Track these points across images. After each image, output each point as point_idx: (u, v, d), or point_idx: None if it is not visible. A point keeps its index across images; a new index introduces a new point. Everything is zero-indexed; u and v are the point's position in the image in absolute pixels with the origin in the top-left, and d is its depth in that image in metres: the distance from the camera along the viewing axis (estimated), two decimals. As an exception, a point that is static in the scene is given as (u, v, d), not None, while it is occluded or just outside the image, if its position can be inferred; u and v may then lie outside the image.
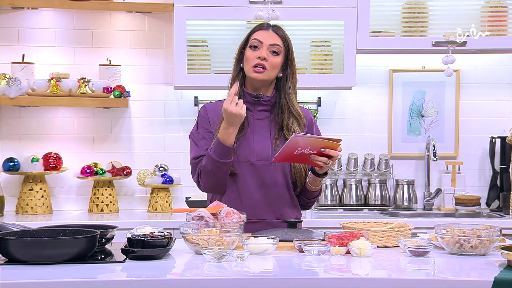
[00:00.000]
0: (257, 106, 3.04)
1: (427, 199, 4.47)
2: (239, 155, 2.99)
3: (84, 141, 4.40)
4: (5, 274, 2.31)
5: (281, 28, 3.07)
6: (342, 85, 4.28)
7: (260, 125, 3.03)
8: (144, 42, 4.42)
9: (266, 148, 3.01)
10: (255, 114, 3.04)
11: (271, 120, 3.04)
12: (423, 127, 4.57)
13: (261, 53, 2.97)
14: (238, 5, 4.15)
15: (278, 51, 3.00)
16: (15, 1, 4.14)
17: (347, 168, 4.50)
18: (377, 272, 2.43)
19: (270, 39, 3.00)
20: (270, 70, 2.98)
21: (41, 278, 2.23)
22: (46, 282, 2.20)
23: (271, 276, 2.33)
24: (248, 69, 3.00)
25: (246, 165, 3.00)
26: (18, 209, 4.19)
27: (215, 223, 2.69)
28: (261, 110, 3.04)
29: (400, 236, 2.76)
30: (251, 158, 3.00)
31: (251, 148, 3.01)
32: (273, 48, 2.99)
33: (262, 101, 3.03)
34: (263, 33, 3.02)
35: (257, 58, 2.97)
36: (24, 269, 2.32)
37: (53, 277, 2.24)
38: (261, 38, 3.00)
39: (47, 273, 2.27)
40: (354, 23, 4.19)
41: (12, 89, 4.08)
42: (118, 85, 4.23)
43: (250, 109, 3.02)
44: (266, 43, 2.99)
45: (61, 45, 4.37)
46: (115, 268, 2.41)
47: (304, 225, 3.02)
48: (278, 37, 3.02)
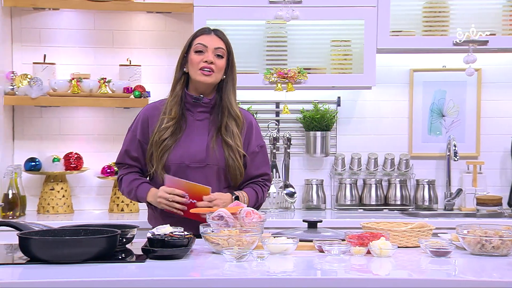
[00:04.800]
0: (197, 107, 3.12)
1: (448, 199, 4.45)
2: (173, 156, 3.06)
3: (105, 141, 4.42)
4: (27, 273, 2.33)
5: (223, 32, 3.18)
6: (362, 85, 4.27)
7: (199, 126, 3.09)
8: (164, 42, 4.43)
9: (201, 151, 3.07)
10: (194, 115, 3.12)
11: (211, 121, 3.11)
12: (443, 126, 4.54)
13: (208, 57, 3.07)
14: (258, 5, 4.15)
15: (222, 54, 3.11)
16: (36, 2, 4.17)
17: (367, 168, 4.48)
18: (398, 272, 2.42)
19: (214, 43, 3.10)
20: (217, 72, 3.09)
21: (62, 277, 2.24)
22: (67, 282, 2.21)
23: (291, 276, 2.33)
24: (194, 72, 3.09)
25: (179, 167, 3.05)
26: (39, 208, 4.22)
27: (235, 223, 2.69)
28: (201, 111, 3.12)
29: (421, 236, 2.75)
30: (186, 160, 3.06)
31: (186, 150, 3.06)
32: (217, 51, 3.10)
33: (202, 103, 3.10)
34: (206, 37, 3.12)
35: (204, 62, 3.06)
36: (45, 268, 2.34)
37: (74, 276, 2.26)
38: (206, 43, 3.10)
39: (68, 272, 2.29)
40: (374, 22, 4.18)
41: (33, 89, 4.11)
42: (138, 85, 4.25)
43: (190, 110, 3.12)
44: (210, 47, 3.09)
45: (82, 46, 4.39)
46: (135, 267, 2.42)
47: (324, 225, 3.01)
48: (222, 41, 3.13)
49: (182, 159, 3.06)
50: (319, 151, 4.41)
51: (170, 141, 3.06)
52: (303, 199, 4.45)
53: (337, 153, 4.49)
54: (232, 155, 3.05)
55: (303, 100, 4.46)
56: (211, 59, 3.06)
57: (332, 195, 4.49)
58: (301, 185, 4.47)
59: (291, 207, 4.39)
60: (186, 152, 3.06)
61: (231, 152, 3.05)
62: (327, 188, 4.48)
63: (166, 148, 3.06)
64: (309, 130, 4.41)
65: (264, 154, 3.20)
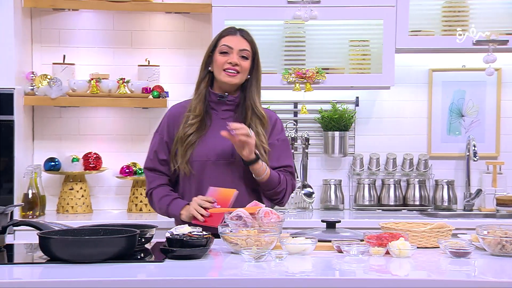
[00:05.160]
0: (221, 105, 3.14)
1: (467, 200, 4.42)
2: (198, 153, 3.07)
3: (123, 141, 4.44)
4: (47, 273, 2.35)
5: (248, 32, 3.19)
6: (381, 84, 4.26)
7: (223, 124, 3.07)
8: (182, 42, 4.44)
9: (226, 148, 3.07)
10: (219, 113, 3.14)
11: (235, 119, 3.12)
12: (463, 127, 4.52)
13: (232, 59, 3.09)
14: (276, 5, 4.15)
15: (247, 56, 3.13)
16: (56, 2, 4.20)
17: (386, 168, 4.47)
18: (417, 273, 2.41)
19: (239, 44, 3.12)
20: (242, 73, 3.12)
21: (82, 276, 2.26)
22: (86, 281, 2.22)
23: (310, 276, 2.33)
24: (219, 72, 3.11)
25: (204, 164, 3.07)
26: (59, 208, 4.24)
27: (253, 223, 2.69)
28: (225, 109, 3.15)
29: (440, 237, 2.73)
30: (211, 157, 3.07)
31: (211, 147, 3.08)
32: (242, 53, 3.12)
33: (226, 101, 3.13)
34: (232, 38, 3.13)
35: (228, 63, 3.09)
36: (65, 268, 2.35)
37: (93, 275, 2.27)
38: (231, 44, 3.11)
39: (87, 272, 2.30)
40: (393, 22, 4.16)
41: (53, 89, 4.13)
42: (156, 86, 4.26)
43: (214, 108, 3.14)
44: (236, 49, 3.11)
45: (101, 46, 4.42)
46: (154, 267, 2.42)
47: (342, 225, 3.00)
48: (247, 42, 3.14)
49: (207, 156, 3.08)
50: (337, 151, 4.40)
51: (194, 137, 3.09)
52: (321, 199, 4.44)
53: (356, 153, 4.48)
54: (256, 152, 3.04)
55: (321, 100, 4.45)
56: (235, 61, 3.08)
57: (350, 195, 4.48)
58: (319, 185, 4.46)
59: (309, 207, 4.38)
60: (211, 149, 3.08)
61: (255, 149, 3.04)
62: (345, 189, 4.47)
63: (190, 143, 3.08)
64: (327, 130, 4.41)
65: (285, 147, 3.19)
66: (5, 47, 3.94)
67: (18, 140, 4.00)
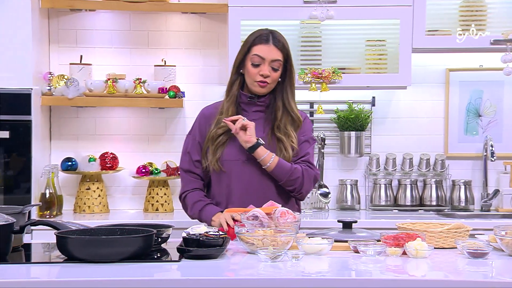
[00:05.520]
0: (251, 107, 3.16)
1: (484, 200, 4.40)
2: (229, 152, 3.10)
3: (140, 141, 4.46)
4: (65, 272, 2.36)
5: (280, 39, 3.15)
6: (397, 84, 4.24)
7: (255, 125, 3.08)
8: (198, 42, 4.45)
9: None
10: (250, 114, 3.15)
11: (265, 120, 3.14)
12: (480, 126, 4.49)
13: (264, 71, 3.10)
14: (292, 5, 4.14)
15: (279, 67, 3.13)
16: (73, 3, 4.22)
17: (402, 168, 4.45)
18: (434, 273, 2.40)
19: (271, 54, 3.11)
20: (271, 83, 3.14)
21: (99, 276, 2.26)
22: (103, 280, 2.23)
23: (326, 277, 2.32)
24: (250, 82, 3.14)
25: (235, 163, 3.08)
26: (75, 208, 4.26)
27: (269, 223, 2.69)
28: (256, 110, 3.16)
29: (457, 237, 2.72)
30: (241, 157, 3.09)
31: (241, 147, 3.08)
32: (273, 64, 3.12)
33: (257, 102, 3.15)
34: (264, 48, 3.12)
35: (260, 75, 3.09)
36: (82, 267, 2.36)
37: (110, 275, 2.27)
38: (263, 55, 3.11)
39: (104, 271, 2.31)
40: (410, 22, 4.15)
41: (70, 90, 4.15)
42: (173, 86, 4.27)
43: (245, 110, 3.16)
44: (267, 60, 3.11)
45: (117, 46, 4.43)
46: (171, 267, 2.43)
47: (358, 226, 3.00)
48: (279, 51, 3.13)
49: (236, 155, 3.10)
50: (354, 151, 4.39)
51: (225, 137, 3.12)
52: (337, 199, 4.44)
53: (372, 153, 4.47)
54: (285, 152, 3.06)
55: (337, 100, 4.44)
56: (267, 73, 3.10)
57: (366, 195, 4.47)
58: (335, 185, 4.46)
59: (325, 207, 4.37)
60: (241, 149, 3.09)
61: (283, 147, 3.07)
62: (361, 189, 4.46)
63: (220, 143, 3.12)
64: (343, 130, 4.40)
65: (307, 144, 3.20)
66: (23, 48, 3.97)
67: (35, 140, 4.02)
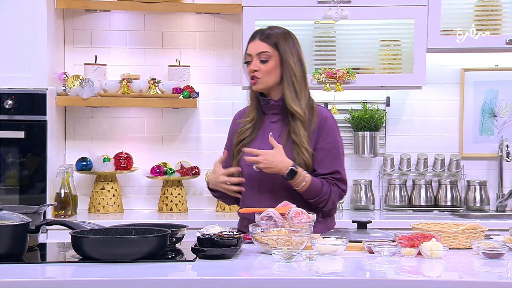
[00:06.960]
0: (269, 109, 3.13)
1: (500, 200, 4.38)
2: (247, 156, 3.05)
3: (154, 141, 4.47)
4: (80, 272, 2.37)
5: (269, 32, 3.09)
6: (412, 84, 4.23)
7: (272, 128, 3.08)
8: (212, 43, 4.46)
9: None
10: (270, 117, 3.13)
11: (282, 122, 3.10)
12: (495, 127, 4.47)
13: (251, 66, 3.07)
14: (306, 5, 4.14)
15: (267, 57, 3.05)
16: (88, 3, 4.23)
17: (417, 169, 4.44)
18: (449, 274, 2.39)
19: (256, 48, 3.08)
20: (263, 77, 3.06)
21: (113, 276, 2.27)
22: (118, 280, 2.24)
23: (341, 277, 2.32)
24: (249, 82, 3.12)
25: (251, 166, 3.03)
26: (90, 207, 4.28)
27: (284, 223, 2.69)
28: (273, 113, 3.13)
29: (473, 238, 2.71)
30: None
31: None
32: (261, 56, 3.07)
33: (271, 105, 3.10)
34: (251, 45, 3.11)
35: (251, 72, 3.07)
36: (97, 267, 2.37)
37: (125, 275, 2.28)
38: (249, 51, 3.10)
39: (119, 271, 2.32)
40: (425, 21, 4.13)
41: (85, 90, 4.17)
42: (187, 86, 4.27)
43: (266, 113, 3.14)
44: (253, 54, 3.08)
45: (132, 47, 4.44)
46: (185, 267, 2.44)
47: (373, 226, 2.99)
48: (263, 43, 3.07)
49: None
50: (368, 152, 4.38)
51: (247, 140, 3.11)
52: (351, 199, 4.43)
53: (386, 154, 4.45)
54: (301, 155, 3.01)
55: (351, 100, 4.44)
56: (253, 68, 3.06)
57: (380, 195, 4.46)
58: (349, 185, 4.41)
59: (340, 207, 4.37)
60: None
61: (298, 150, 3.02)
62: (375, 189, 4.45)
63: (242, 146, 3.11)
64: (357, 130, 4.39)
65: (335, 152, 3.07)
66: (38, 48, 3.98)
67: (50, 140, 4.04)
